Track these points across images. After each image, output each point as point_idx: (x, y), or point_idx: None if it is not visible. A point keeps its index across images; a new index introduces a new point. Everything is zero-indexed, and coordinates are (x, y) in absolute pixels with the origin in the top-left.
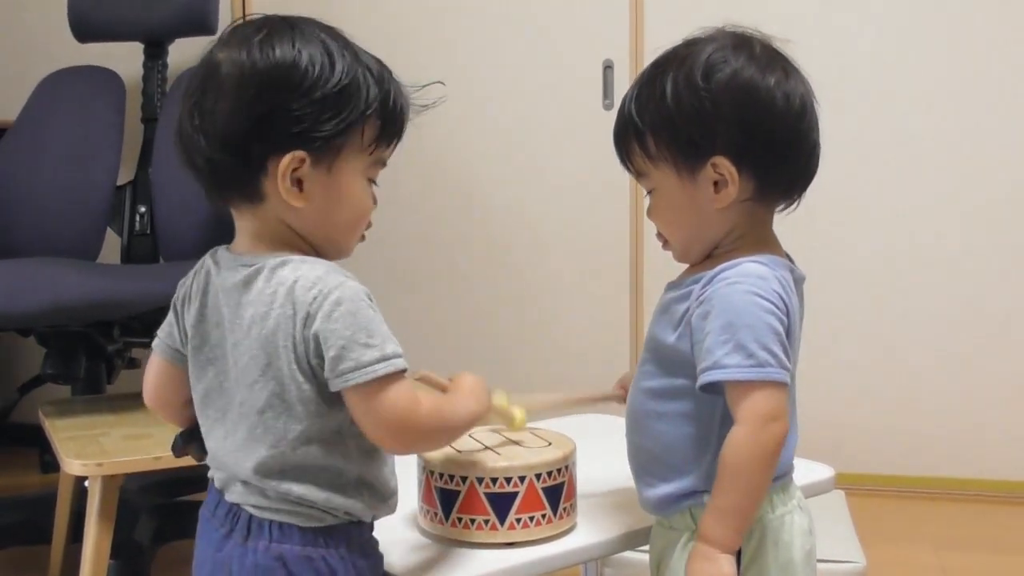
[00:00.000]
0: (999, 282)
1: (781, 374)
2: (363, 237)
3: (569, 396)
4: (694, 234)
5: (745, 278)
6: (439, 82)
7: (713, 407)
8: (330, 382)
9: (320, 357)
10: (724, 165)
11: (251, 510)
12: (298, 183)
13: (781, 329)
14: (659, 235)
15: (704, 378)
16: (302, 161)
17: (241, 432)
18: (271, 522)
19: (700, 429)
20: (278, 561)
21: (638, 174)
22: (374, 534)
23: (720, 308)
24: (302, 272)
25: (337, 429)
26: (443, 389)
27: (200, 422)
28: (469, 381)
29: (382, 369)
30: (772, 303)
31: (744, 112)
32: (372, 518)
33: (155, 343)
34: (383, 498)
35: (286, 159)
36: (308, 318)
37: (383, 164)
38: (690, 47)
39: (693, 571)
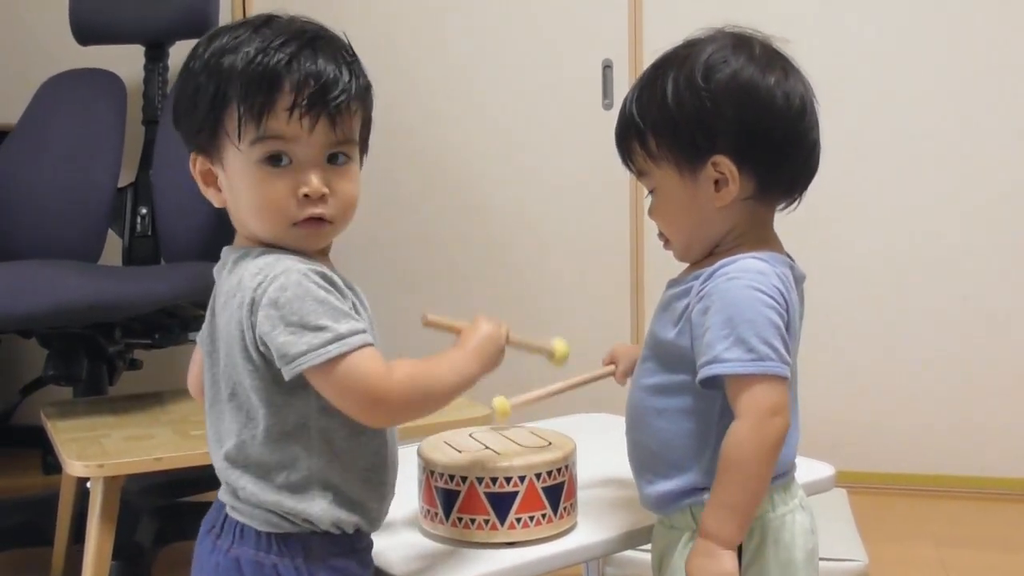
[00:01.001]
0: (999, 280)
1: (782, 368)
2: (319, 224)
3: (564, 383)
4: (695, 233)
5: (744, 273)
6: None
7: (712, 403)
8: (283, 371)
9: (266, 345)
10: (725, 164)
11: (228, 510)
12: (215, 181)
13: (781, 323)
14: (660, 235)
15: (704, 372)
16: (194, 162)
17: (211, 423)
18: (237, 523)
19: (700, 425)
20: (235, 564)
21: (639, 173)
22: (361, 548)
23: (720, 303)
24: (252, 262)
25: (300, 422)
26: (456, 331)
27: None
28: (482, 334)
29: (335, 349)
30: (772, 298)
31: (744, 111)
32: (340, 531)
33: (198, 336)
34: (354, 507)
35: (191, 160)
36: (253, 305)
37: (279, 139)
38: (690, 48)
39: (694, 567)
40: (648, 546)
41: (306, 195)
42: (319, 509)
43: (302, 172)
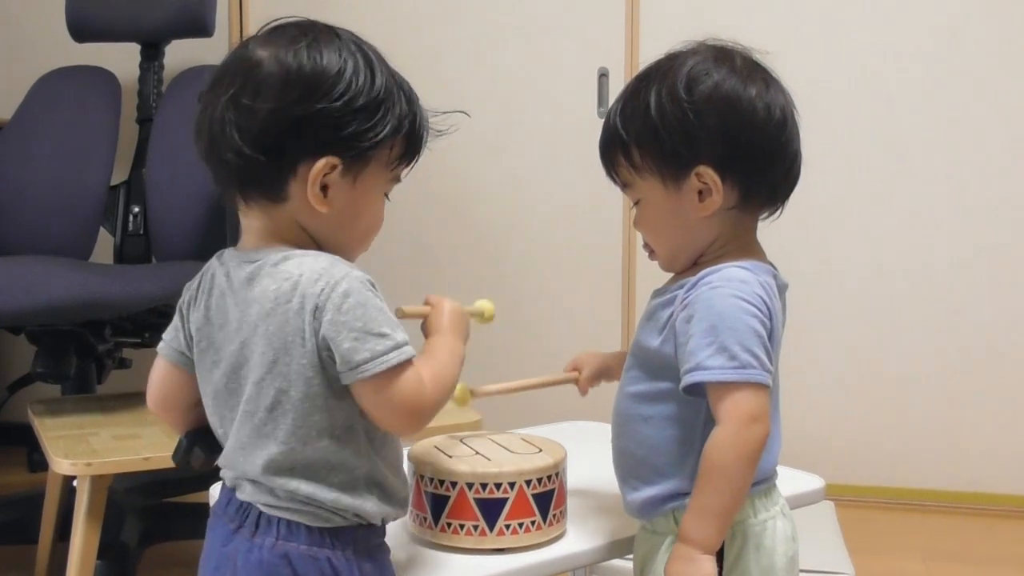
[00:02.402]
0: (987, 293)
1: (763, 376)
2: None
3: (526, 381)
4: (680, 243)
5: (728, 282)
6: (463, 111)
7: (697, 410)
8: (343, 375)
9: (329, 349)
10: (708, 174)
11: (261, 507)
12: (324, 188)
13: (763, 332)
14: (646, 245)
15: (687, 379)
16: (334, 167)
17: (247, 430)
18: (279, 519)
19: (684, 431)
20: (283, 559)
21: (624, 185)
22: (386, 539)
23: (703, 311)
24: (307, 265)
25: (348, 424)
26: (424, 314)
27: (213, 425)
28: (447, 312)
29: (395, 358)
30: (755, 306)
31: (726, 122)
32: (382, 521)
33: (160, 346)
34: (393, 500)
35: (320, 163)
36: (317, 310)
37: (398, 181)
38: (672, 60)
39: (674, 572)
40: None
41: None
42: (371, 505)
43: None
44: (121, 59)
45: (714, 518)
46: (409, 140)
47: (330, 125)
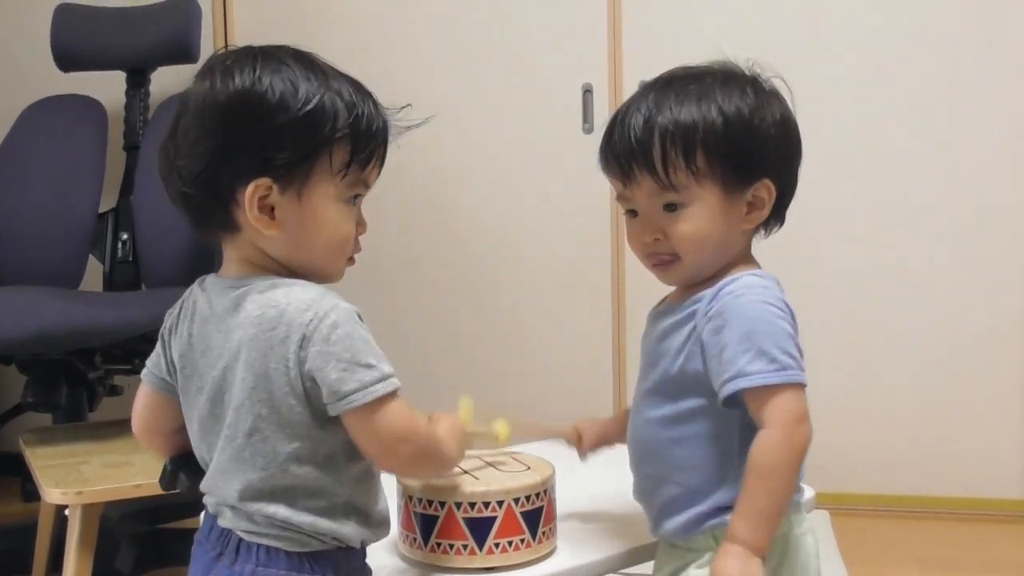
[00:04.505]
0: (979, 300)
1: (802, 376)
2: (352, 261)
3: (528, 424)
4: (715, 253)
5: (750, 289)
6: (408, 104)
7: (730, 422)
8: (331, 406)
9: (313, 380)
10: (768, 188)
11: (241, 534)
12: (269, 210)
13: (794, 333)
14: (660, 254)
15: (728, 388)
16: (269, 188)
17: (226, 456)
18: (259, 546)
19: (720, 446)
20: None
21: (669, 187)
22: (376, 560)
23: (735, 319)
24: (295, 295)
25: (330, 452)
26: None
27: (199, 451)
28: (446, 425)
29: (382, 389)
30: (781, 309)
31: (787, 139)
32: (362, 544)
33: (143, 373)
34: (372, 523)
35: (251, 187)
36: (304, 340)
37: (365, 186)
38: (721, 70)
39: (723, 568)
40: (627, 570)
41: (360, 233)
42: (350, 530)
43: (358, 211)
44: (107, 87)
45: (765, 520)
46: (354, 144)
47: (254, 147)
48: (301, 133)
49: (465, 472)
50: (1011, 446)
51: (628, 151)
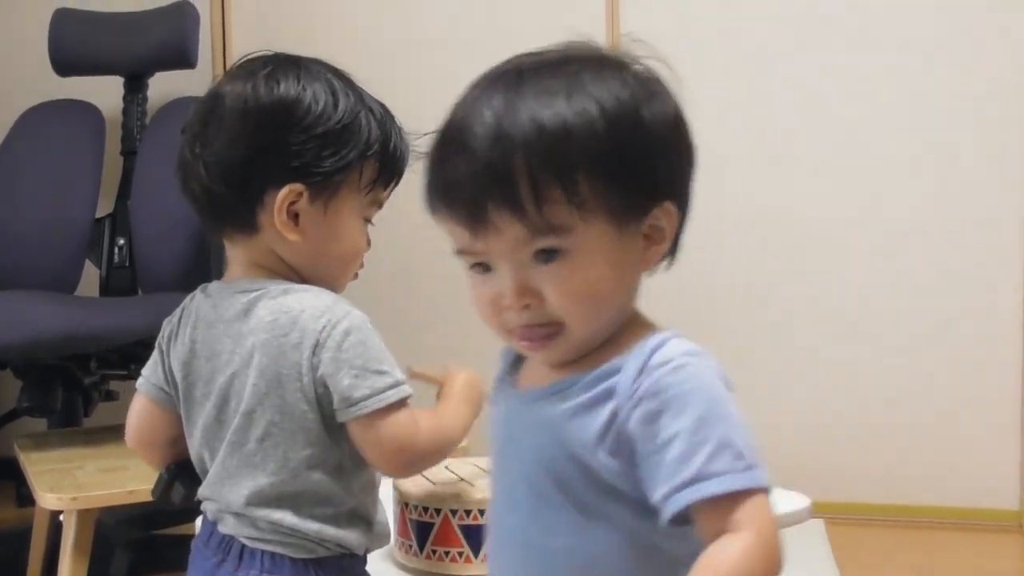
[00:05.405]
0: (972, 309)
1: (767, 478)
2: (355, 276)
3: None
4: (610, 311)
5: (689, 357)
6: (428, 133)
7: (651, 528)
8: (340, 412)
9: (325, 386)
10: (669, 213)
11: (244, 540)
12: (294, 217)
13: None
14: (534, 325)
15: (682, 499)
16: (299, 195)
17: (234, 461)
18: (263, 552)
19: (638, 561)
20: None
21: (544, 230)
22: (374, 568)
23: (680, 402)
24: (308, 301)
25: (339, 461)
26: (439, 383)
27: (201, 458)
28: (462, 381)
29: (394, 395)
30: (728, 387)
31: (684, 143)
32: (365, 551)
33: (139, 382)
34: (376, 531)
35: (283, 191)
36: (318, 347)
37: (379, 206)
38: (584, 53)
39: None
40: None
41: (366, 250)
42: (355, 537)
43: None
44: (105, 92)
45: None
46: (382, 163)
47: (291, 153)
48: (340, 145)
49: (461, 479)
50: (1005, 456)
51: (475, 185)
